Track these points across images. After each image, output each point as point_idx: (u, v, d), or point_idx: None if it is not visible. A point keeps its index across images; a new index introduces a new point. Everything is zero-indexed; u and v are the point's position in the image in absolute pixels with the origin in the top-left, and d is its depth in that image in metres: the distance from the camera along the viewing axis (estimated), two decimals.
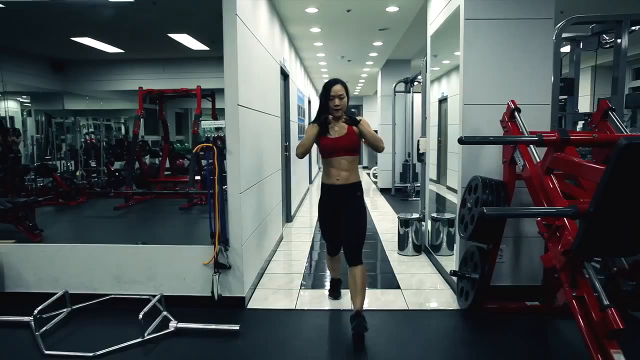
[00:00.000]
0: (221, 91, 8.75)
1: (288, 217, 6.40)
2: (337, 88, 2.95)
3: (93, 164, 9.44)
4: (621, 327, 1.84)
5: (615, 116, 2.74)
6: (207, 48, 7.64)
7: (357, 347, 2.65)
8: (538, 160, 2.63)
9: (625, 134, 2.62)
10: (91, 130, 10.43)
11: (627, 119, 8.36)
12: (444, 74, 6.46)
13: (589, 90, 9.22)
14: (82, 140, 9.66)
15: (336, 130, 3.00)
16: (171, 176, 8.75)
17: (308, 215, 7.24)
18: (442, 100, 7.59)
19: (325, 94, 2.99)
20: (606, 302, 1.90)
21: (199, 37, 6.95)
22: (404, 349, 2.70)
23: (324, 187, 3.13)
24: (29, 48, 7.95)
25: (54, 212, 6.97)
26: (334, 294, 3.50)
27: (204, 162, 8.18)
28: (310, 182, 11.02)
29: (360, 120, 2.94)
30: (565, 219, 2.22)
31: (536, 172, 2.57)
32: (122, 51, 8.08)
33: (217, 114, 7.89)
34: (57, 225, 5.95)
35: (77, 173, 8.90)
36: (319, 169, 14.86)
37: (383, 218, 6.52)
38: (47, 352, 2.59)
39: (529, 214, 2.83)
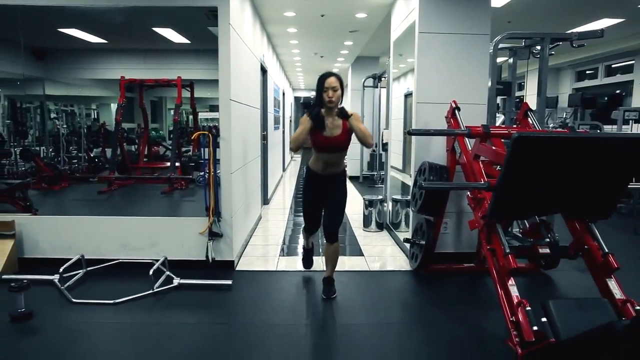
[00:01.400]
0: (199, 82, 9.14)
1: (265, 200, 7.02)
2: (331, 80, 3.00)
3: (73, 150, 9.73)
4: (515, 266, 2.58)
5: (532, 115, 3.50)
6: (188, 41, 8.06)
7: (327, 297, 3.32)
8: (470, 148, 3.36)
9: (536, 129, 3.38)
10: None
11: (569, 116, 9.35)
12: (409, 70, 7.18)
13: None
14: (65, 126, 9.90)
15: (330, 127, 3.07)
16: (149, 162, 9.15)
17: (282, 199, 7.89)
18: (408, 95, 8.29)
19: (319, 86, 3.03)
20: (507, 251, 2.64)
21: (181, 31, 7.39)
22: (365, 297, 3.42)
23: (313, 173, 3.26)
24: (12, 36, 8.18)
25: (39, 195, 7.31)
26: (307, 264, 3.80)
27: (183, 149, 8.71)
28: (284, 169, 11.64)
29: (352, 115, 3.03)
30: (485, 193, 2.95)
31: (469, 158, 3.30)
32: (105, 41, 8.39)
33: (195, 103, 8.41)
34: (47, 207, 6.34)
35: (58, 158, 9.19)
36: (291, 158, 15.49)
37: (351, 202, 7.12)
38: (74, 300, 3.17)
39: (454, 187, 3.61)
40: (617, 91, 8.78)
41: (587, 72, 9.71)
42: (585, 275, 2.93)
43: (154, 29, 7.17)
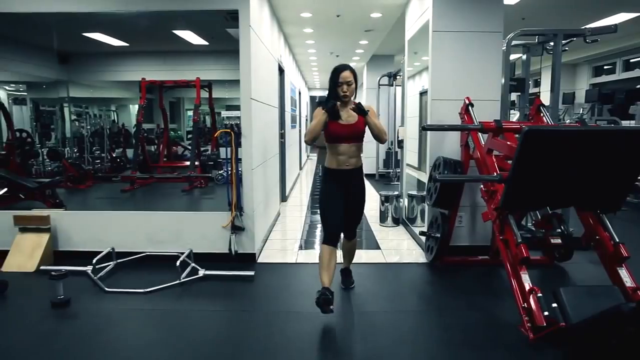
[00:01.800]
0: (216, 82, 9.33)
1: (283, 197, 7.19)
2: (346, 74, 2.92)
3: (96, 150, 10.05)
4: (527, 255, 2.68)
5: (544, 110, 3.58)
6: (206, 43, 8.25)
7: (346, 287, 3.46)
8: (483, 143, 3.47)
9: (549, 123, 3.47)
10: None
11: (586, 112, 9.32)
12: (424, 68, 7.26)
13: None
14: (89, 127, 10.21)
15: (345, 117, 2.99)
16: (169, 162, 9.42)
17: (299, 196, 8.05)
18: (423, 93, 8.33)
19: (334, 80, 2.95)
20: (519, 240, 2.75)
21: (200, 33, 7.60)
22: (382, 287, 3.56)
23: (331, 172, 3.08)
24: (38, 41, 8.49)
25: (66, 194, 7.59)
26: (327, 307, 2.75)
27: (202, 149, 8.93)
28: (301, 168, 11.82)
29: (369, 111, 2.95)
30: (498, 185, 3.05)
31: (482, 152, 3.40)
32: (126, 44, 8.65)
33: (213, 103, 8.63)
34: (75, 205, 6.58)
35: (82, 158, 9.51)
36: (307, 157, 15.65)
37: (368, 199, 7.25)
38: (107, 289, 3.37)
39: (467, 179, 3.70)
40: (638, 86, 8.70)
41: (605, 67, 9.65)
42: (599, 267, 3.02)
43: (174, 31, 7.39)
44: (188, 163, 8.27)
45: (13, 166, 7.41)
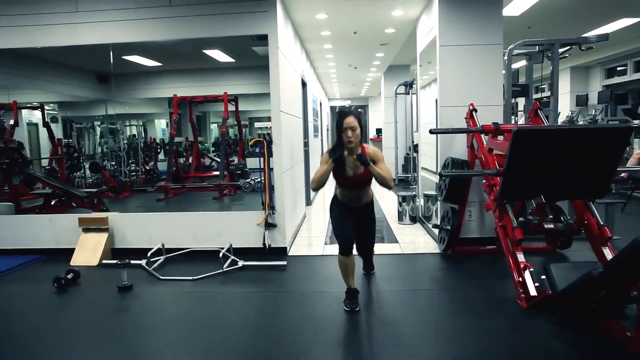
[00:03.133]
0: (242, 96, 9.97)
1: (308, 201, 7.71)
2: (349, 120, 2.92)
3: (132, 163, 10.80)
4: (522, 237, 3.12)
5: (541, 113, 4.01)
6: (232, 60, 8.88)
7: (367, 272, 3.93)
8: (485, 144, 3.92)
9: (544, 124, 3.90)
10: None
11: (599, 113, 9.59)
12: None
13: (568, 88, 10.48)
14: (125, 142, 10.96)
15: (351, 167, 3.07)
16: (199, 172, 10.07)
17: (322, 200, 8.56)
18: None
19: (338, 126, 2.97)
20: (515, 225, 3.19)
21: (228, 51, 8.23)
22: (399, 272, 4.04)
23: (341, 202, 3.27)
24: (80, 64, 9.29)
25: (108, 203, 8.23)
26: (352, 304, 3.13)
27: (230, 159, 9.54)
28: None
29: (370, 163, 2.93)
30: (497, 179, 3.50)
31: (484, 151, 3.86)
32: (160, 64, 9.36)
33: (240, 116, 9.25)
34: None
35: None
36: None
37: (387, 201, 7.84)
38: (161, 277, 3.93)
39: (469, 173, 4.14)
40: None
41: (618, 68, 9.89)
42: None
43: (204, 51, 8.04)
44: (216, 173, 8.90)
45: (62, 178, 8.17)
